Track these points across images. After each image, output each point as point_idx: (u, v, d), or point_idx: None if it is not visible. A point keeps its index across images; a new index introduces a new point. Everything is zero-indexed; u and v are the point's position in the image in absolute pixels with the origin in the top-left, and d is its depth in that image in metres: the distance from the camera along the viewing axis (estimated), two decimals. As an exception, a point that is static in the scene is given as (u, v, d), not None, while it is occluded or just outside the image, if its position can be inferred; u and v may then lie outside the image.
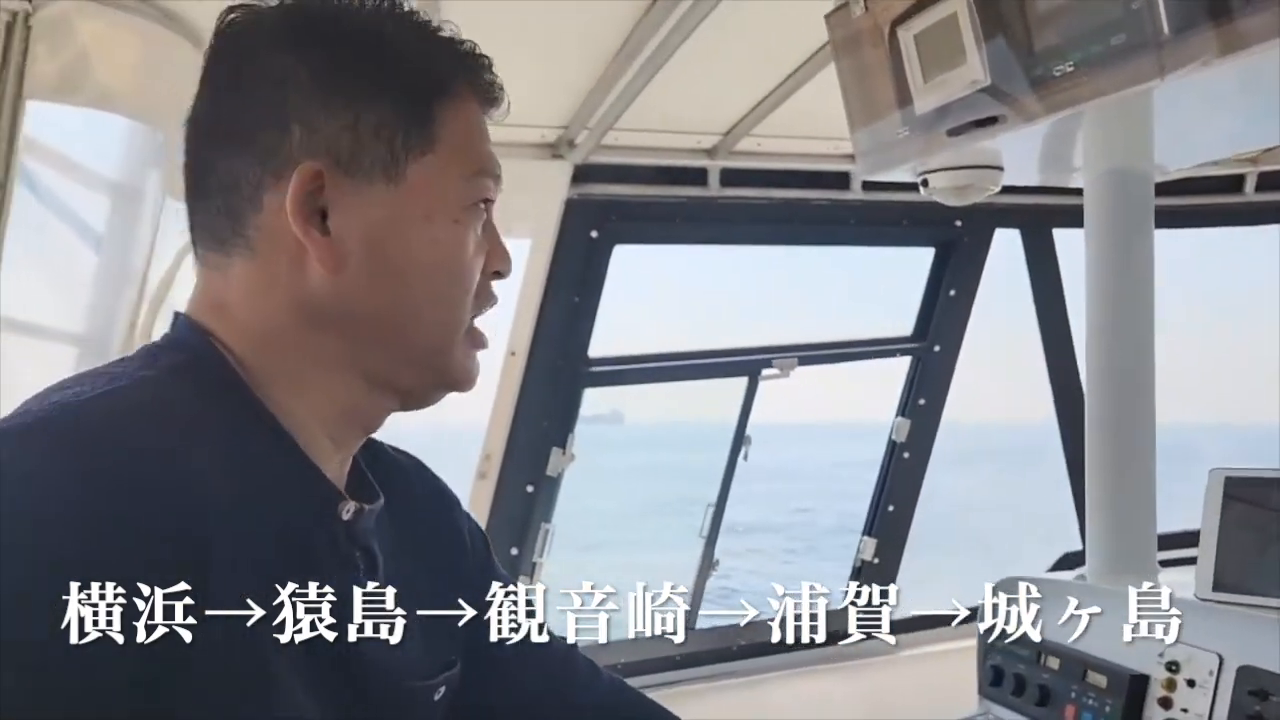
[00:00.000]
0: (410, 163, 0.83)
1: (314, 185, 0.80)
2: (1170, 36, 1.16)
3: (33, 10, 1.70)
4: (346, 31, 0.84)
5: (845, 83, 1.77)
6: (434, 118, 0.84)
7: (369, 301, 0.83)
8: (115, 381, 0.74)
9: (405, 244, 0.83)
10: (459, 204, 0.85)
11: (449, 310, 0.86)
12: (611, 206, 2.96)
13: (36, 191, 2.00)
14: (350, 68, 0.82)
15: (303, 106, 0.81)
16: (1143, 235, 1.71)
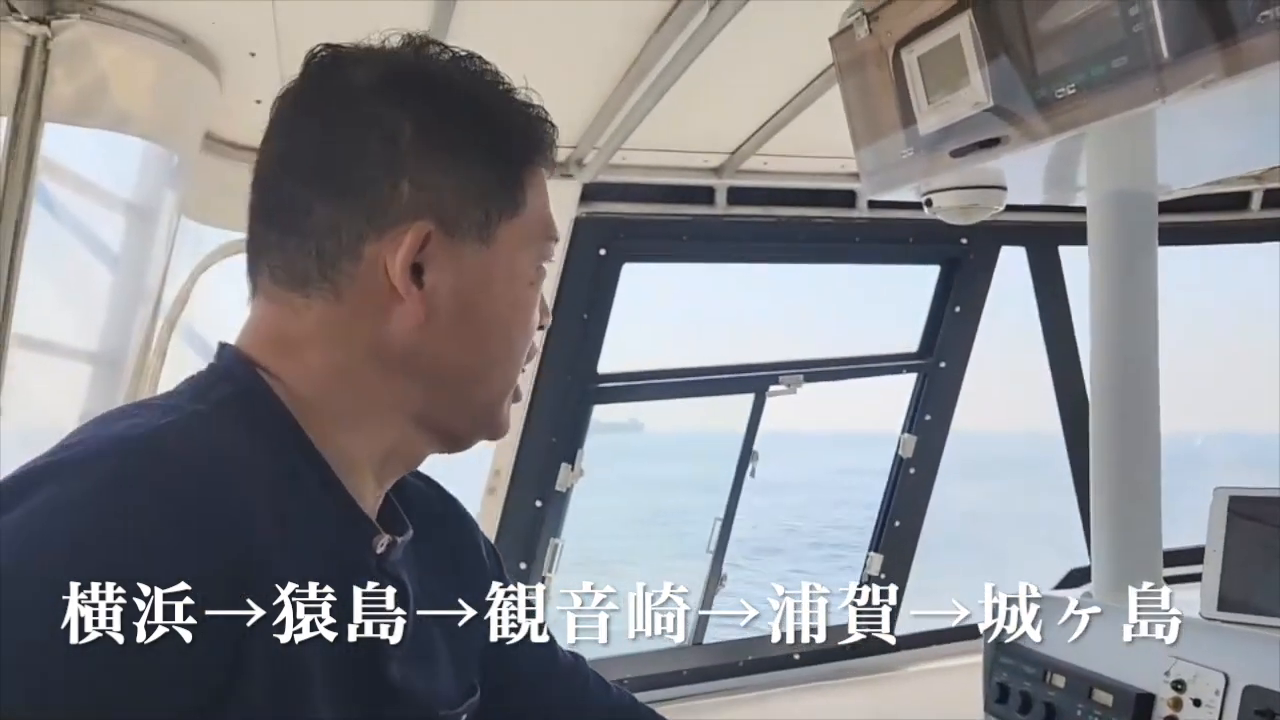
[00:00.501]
0: (501, 225, 0.86)
1: (423, 244, 0.83)
2: (1170, 59, 1.18)
3: (52, 34, 1.73)
4: (450, 91, 0.87)
5: (850, 104, 1.79)
6: (522, 183, 0.88)
7: (448, 354, 0.86)
8: (168, 414, 0.76)
9: (491, 303, 0.87)
10: (534, 266, 0.90)
11: (514, 366, 0.91)
12: (619, 225, 2.99)
13: (54, 211, 2.03)
14: (456, 129, 0.85)
15: (414, 164, 0.83)
16: (1146, 255, 1.72)
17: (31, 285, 1.88)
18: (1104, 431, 1.74)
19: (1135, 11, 1.21)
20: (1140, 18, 1.20)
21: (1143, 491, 1.75)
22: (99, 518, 0.67)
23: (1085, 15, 1.29)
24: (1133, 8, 1.21)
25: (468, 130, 0.85)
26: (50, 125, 1.81)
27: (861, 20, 1.72)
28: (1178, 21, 1.17)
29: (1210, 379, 40.89)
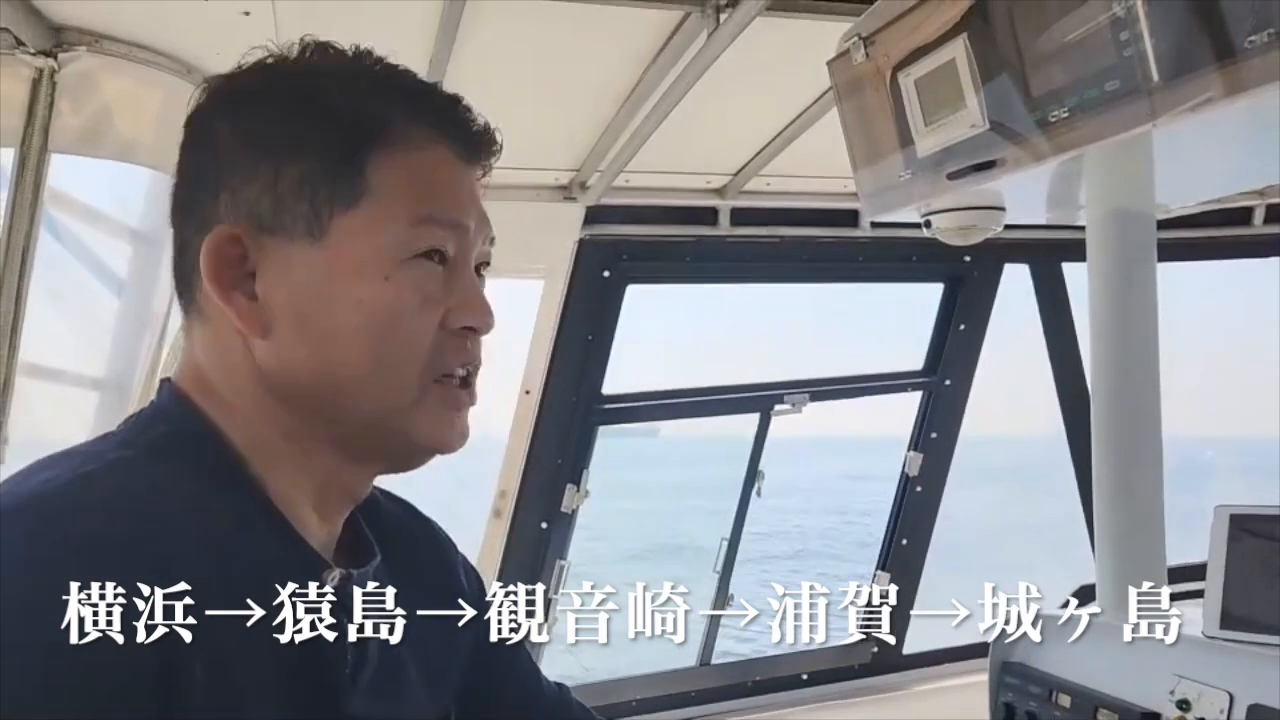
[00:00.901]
0: (335, 218, 0.79)
1: (232, 250, 0.78)
2: (1161, 83, 1.19)
3: (58, 66, 1.76)
4: (274, 90, 0.82)
5: (848, 127, 1.81)
6: (363, 169, 0.79)
7: (302, 368, 0.79)
8: (89, 463, 0.73)
9: (328, 305, 0.79)
10: (392, 258, 0.79)
11: (391, 374, 0.80)
12: (623, 247, 3.00)
13: (61, 240, 2.05)
14: (270, 125, 0.80)
15: (227, 170, 0.80)
16: (1145, 274, 1.73)
17: (38, 313, 1.90)
18: (1106, 453, 1.74)
19: (1126, 36, 1.21)
20: (1130, 42, 1.21)
21: (1146, 511, 1.75)
22: (14, 579, 0.64)
23: (1078, 39, 1.30)
24: (1123, 32, 1.22)
25: (283, 124, 0.80)
26: (56, 155, 1.83)
27: (859, 44, 1.73)
28: (1168, 45, 1.18)
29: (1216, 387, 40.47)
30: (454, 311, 0.82)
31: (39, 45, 1.73)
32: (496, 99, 2.43)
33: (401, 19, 1.88)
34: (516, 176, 2.78)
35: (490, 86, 2.27)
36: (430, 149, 0.83)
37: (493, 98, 2.45)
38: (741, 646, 3.40)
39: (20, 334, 1.81)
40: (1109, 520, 1.78)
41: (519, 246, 2.90)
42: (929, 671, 3.42)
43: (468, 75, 2.05)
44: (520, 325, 3.06)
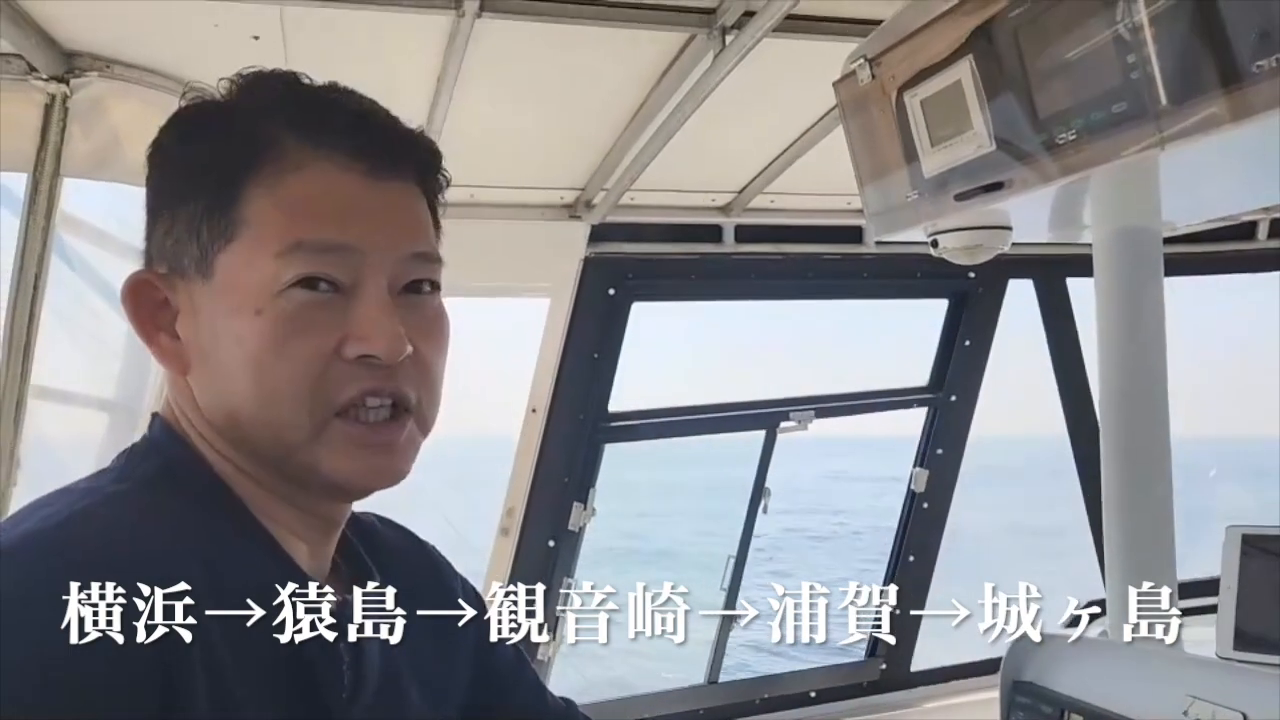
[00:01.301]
0: (217, 255, 0.78)
1: (150, 294, 0.80)
2: (1168, 106, 1.19)
3: (70, 92, 1.77)
4: (173, 135, 0.82)
5: (854, 147, 1.81)
6: (239, 200, 0.78)
7: (214, 405, 0.80)
8: (85, 498, 0.74)
9: (218, 343, 0.78)
10: (263, 291, 0.76)
11: (277, 409, 0.77)
12: (628, 265, 3.01)
13: (70, 263, 2.06)
14: (165, 168, 0.82)
15: (149, 217, 0.82)
16: (1152, 292, 1.73)
17: (49, 336, 1.91)
18: (1116, 471, 1.73)
19: (1133, 58, 1.22)
20: (1138, 65, 1.22)
21: (1156, 529, 1.75)
22: (16, 621, 0.64)
23: (1084, 61, 1.31)
24: (1130, 54, 1.22)
25: (180, 162, 0.81)
26: (68, 179, 1.85)
27: (864, 65, 1.74)
28: (1175, 68, 1.18)
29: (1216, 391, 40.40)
30: (349, 340, 0.78)
31: (51, 71, 1.74)
32: (503, 119, 2.45)
33: (409, 41, 1.89)
34: (522, 195, 2.79)
35: (496, 107, 2.30)
36: (311, 167, 0.78)
37: (499, 117, 2.47)
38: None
39: (33, 357, 1.82)
40: (1119, 537, 1.78)
41: (525, 265, 2.92)
42: (937, 689, 3.41)
43: (475, 95, 2.07)
44: (526, 344, 3.07)
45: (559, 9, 1.81)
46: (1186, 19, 1.16)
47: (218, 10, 1.72)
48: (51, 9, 1.69)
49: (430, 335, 0.83)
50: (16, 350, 1.83)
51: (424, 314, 0.83)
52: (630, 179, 2.54)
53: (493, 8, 1.75)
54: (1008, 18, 1.44)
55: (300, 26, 1.80)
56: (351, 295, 0.78)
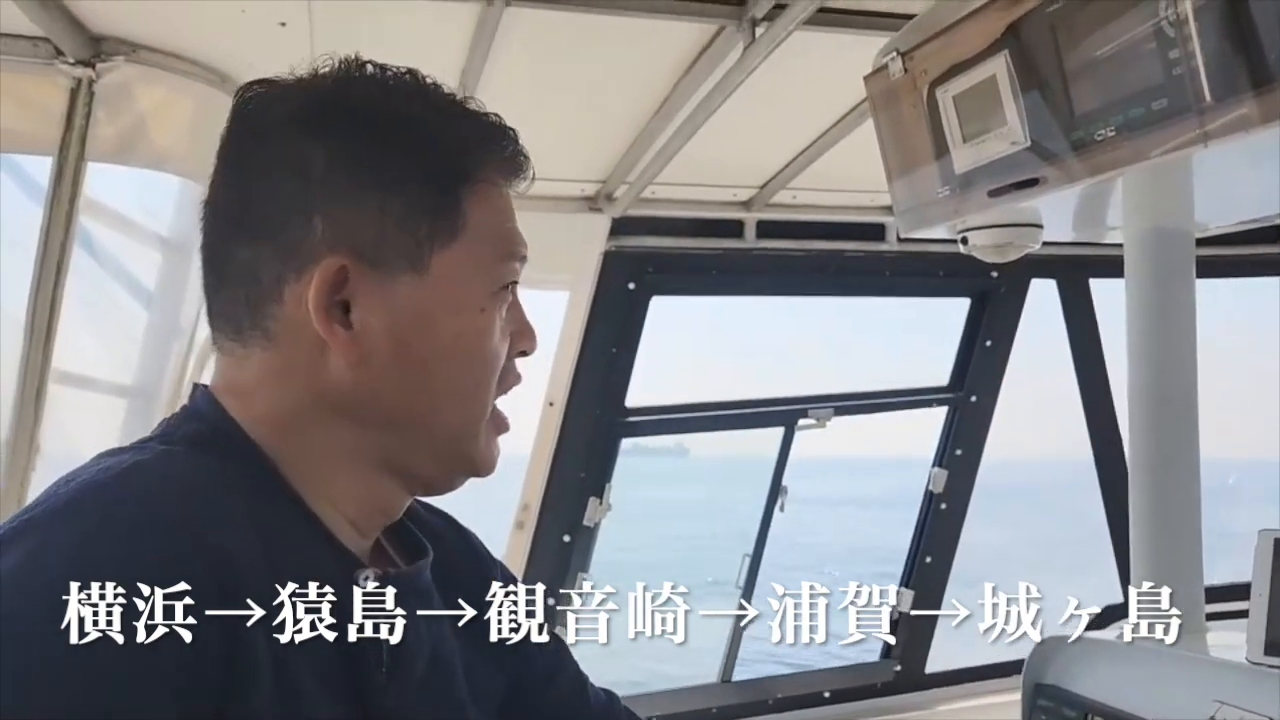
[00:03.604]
0: (436, 252, 0.81)
1: (337, 280, 0.79)
2: (1212, 103, 1.17)
3: (96, 76, 1.77)
4: (368, 115, 0.82)
5: (884, 142, 1.79)
6: (460, 204, 0.82)
7: (391, 395, 0.81)
8: (140, 454, 0.75)
9: (431, 337, 0.81)
10: (485, 291, 0.83)
11: (473, 400, 0.84)
12: (649, 258, 3.00)
13: (92, 250, 2.06)
14: (373, 156, 0.80)
15: (324, 197, 0.79)
16: (1184, 293, 1.71)
17: (70, 321, 1.91)
18: (1144, 472, 1.72)
19: (1176, 54, 1.20)
20: (1180, 60, 1.19)
21: (1184, 529, 1.73)
22: (85, 562, 0.66)
23: (1123, 56, 1.29)
24: (1173, 50, 1.20)
25: (386, 155, 0.81)
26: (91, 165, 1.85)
27: (896, 59, 1.72)
28: (1219, 63, 1.16)
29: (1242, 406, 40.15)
30: (516, 337, 0.87)
31: (78, 55, 1.74)
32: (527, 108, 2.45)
33: (436, 29, 1.89)
34: (543, 187, 2.76)
35: (522, 96, 2.28)
36: (502, 185, 0.86)
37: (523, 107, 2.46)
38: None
39: (54, 342, 1.82)
40: (1145, 540, 1.76)
41: (544, 257, 2.87)
42: (952, 690, 3.39)
43: (500, 85, 2.05)
44: (544, 336, 3.06)
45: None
46: (1232, 12, 1.14)
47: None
48: (79, -8, 1.69)
49: None
50: (39, 336, 1.83)
51: None
52: (653, 172, 2.53)
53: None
54: (1045, 13, 1.41)
55: (328, 13, 1.79)
56: (510, 302, 0.87)
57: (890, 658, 3.38)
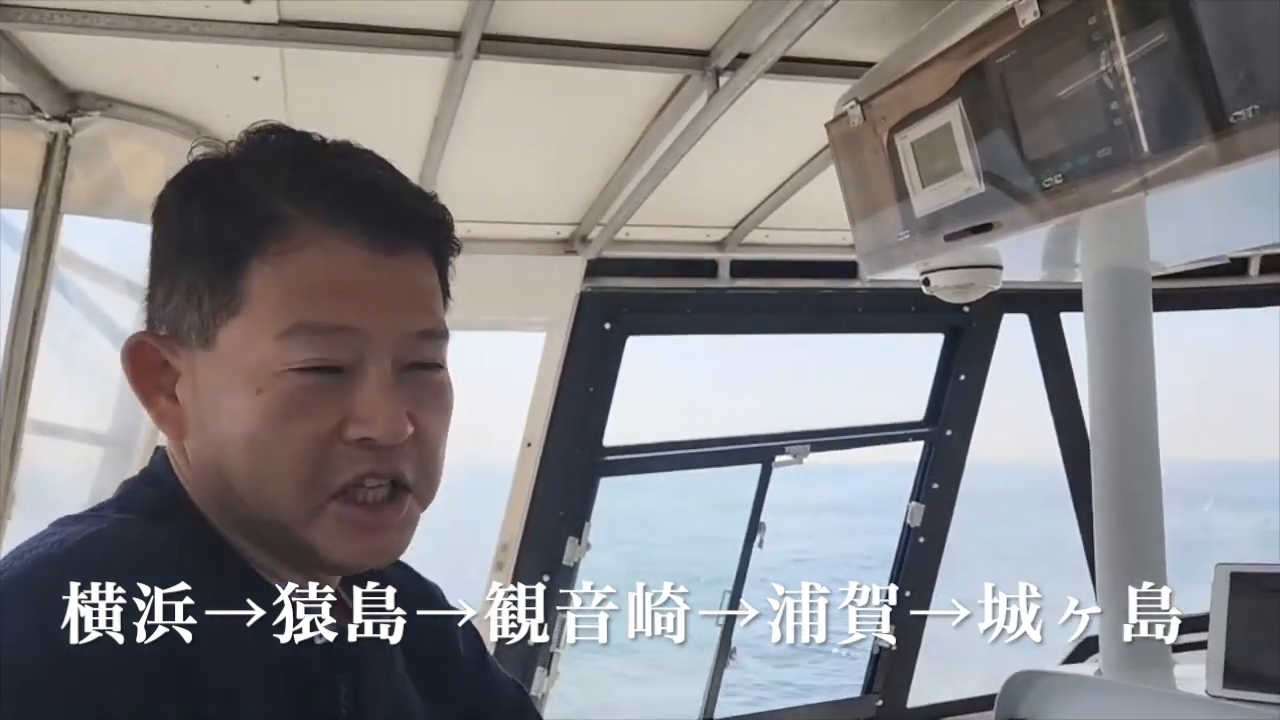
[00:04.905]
0: (219, 327, 0.77)
1: (150, 357, 0.80)
2: (1151, 153, 1.22)
3: (72, 131, 1.79)
4: (191, 185, 0.81)
5: (846, 187, 1.84)
6: (241, 276, 0.77)
7: (209, 472, 0.80)
8: (93, 524, 0.75)
9: (216, 414, 0.78)
10: (264, 371, 0.76)
11: (273, 488, 0.77)
12: (624, 299, 3.03)
13: (69, 297, 2.08)
14: (171, 234, 0.81)
15: (152, 277, 0.82)
16: (1141, 330, 1.75)
17: (46, 371, 1.92)
18: (1108, 512, 1.75)
19: (1115, 105, 1.24)
20: (1120, 111, 1.24)
21: (1149, 565, 1.76)
22: (34, 642, 0.66)
23: (1070, 106, 1.33)
24: (1113, 101, 1.25)
25: (183, 231, 0.80)
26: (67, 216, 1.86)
27: (856, 107, 1.77)
28: (1157, 115, 1.21)
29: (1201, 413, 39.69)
30: (350, 422, 0.77)
31: (54, 111, 1.76)
32: (500, 155, 2.47)
33: (407, 81, 1.92)
34: (519, 231, 2.81)
35: (494, 144, 2.32)
36: (315, 245, 0.77)
37: (497, 155, 2.48)
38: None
39: (30, 392, 1.83)
40: (1111, 572, 1.79)
41: (521, 299, 2.93)
42: (936, 727, 3.40)
43: (473, 134, 2.09)
44: (522, 376, 3.08)
45: (555, 51, 1.83)
46: (1166, 67, 1.19)
47: (219, 51, 1.74)
48: (55, 50, 1.71)
49: (432, 410, 0.82)
50: (14, 384, 1.84)
51: (427, 389, 0.82)
52: (626, 214, 2.56)
53: (490, 50, 1.78)
54: (996, 62, 1.46)
55: (300, 67, 1.82)
56: (353, 376, 0.77)
57: (872, 693, 3.39)
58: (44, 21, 1.59)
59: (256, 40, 1.70)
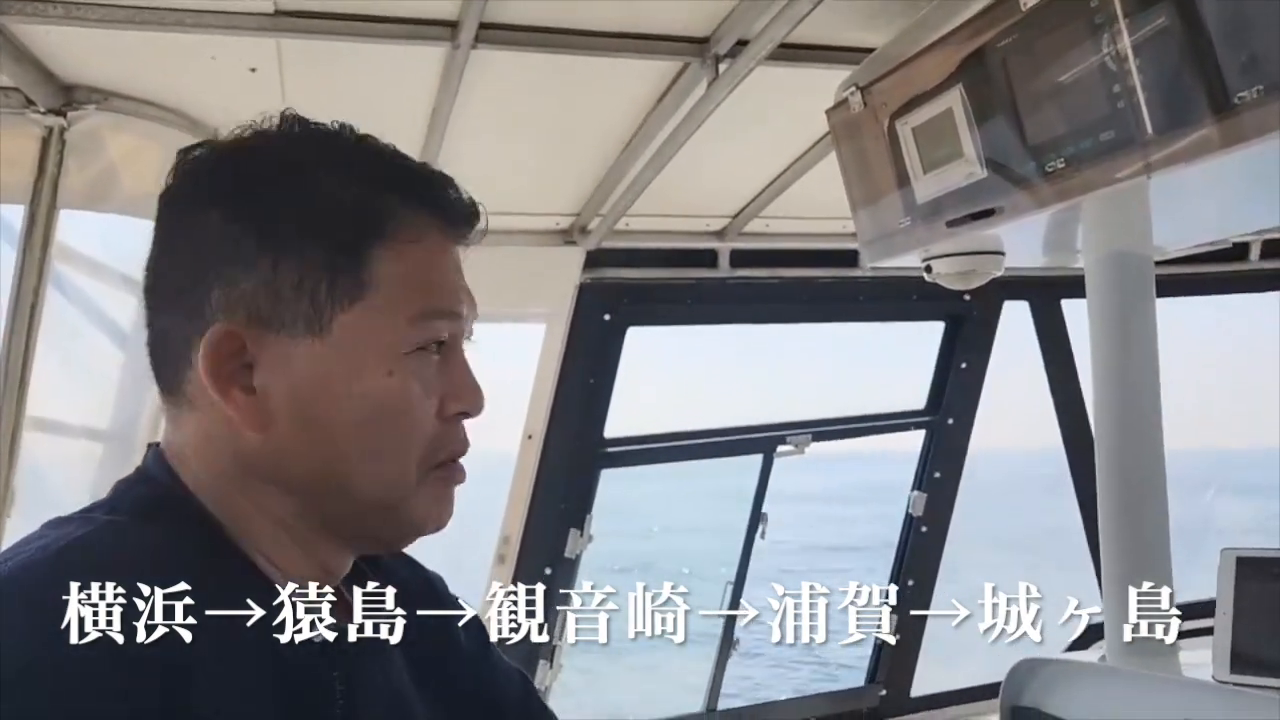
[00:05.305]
0: (337, 314, 0.78)
1: (230, 347, 0.77)
2: (1154, 135, 1.21)
3: (68, 125, 1.78)
4: (266, 174, 0.81)
5: (847, 174, 1.83)
6: (365, 263, 0.79)
7: (301, 459, 0.79)
8: (82, 527, 0.74)
9: (332, 400, 0.78)
10: (395, 353, 0.80)
11: (390, 465, 0.81)
12: (624, 290, 3.02)
13: (66, 293, 2.07)
14: (266, 216, 0.79)
15: (220, 263, 0.78)
16: (1144, 315, 1.74)
17: (44, 367, 1.91)
18: (1111, 498, 1.74)
19: (1118, 87, 1.23)
20: (1123, 94, 1.23)
21: (1153, 551, 1.75)
22: (20, 647, 0.65)
23: (1072, 89, 1.32)
24: (1116, 84, 1.24)
25: (280, 215, 0.79)
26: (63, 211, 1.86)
27: (856, 93, 1.75)
28: (1161, 97, 1.20)
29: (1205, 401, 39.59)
30: (448, 398, 0.83)
31: (49, 104, 1.75)
32: (499, 146, 2.46)
33: (404, 71, 1.91)
34: (518, 222, 2.80)
35: (493, 134, 2.31)
36: (427, 237, 0.83)
37: (495, 145, 2.47)
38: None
39: (28, 389, 1.82)
40: (1115, 561, 1.78)
41: (520, 291, 2.93)
42: (937, 715, 3.40)
43: (471, 123, 2.08)
44: (522, 369, 3.07)
45: (552, 40, 1.82)
46: (1169, 49, 1.18)
47: (215, 43, 1.73)
48: (50, 43, 1.70)
49: None
50: (12, 382, 1.83)
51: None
52: (625, 205, 2.55)
53: (487, 40, 1.77)
54: (997, 47, 1.45)
55: (297, 59, 1.81)
56: (447, 356, 0.84)
57: (875, 682, 3.39)
58: (38, 14, 1.57)
59: (252, 30, 1.68)
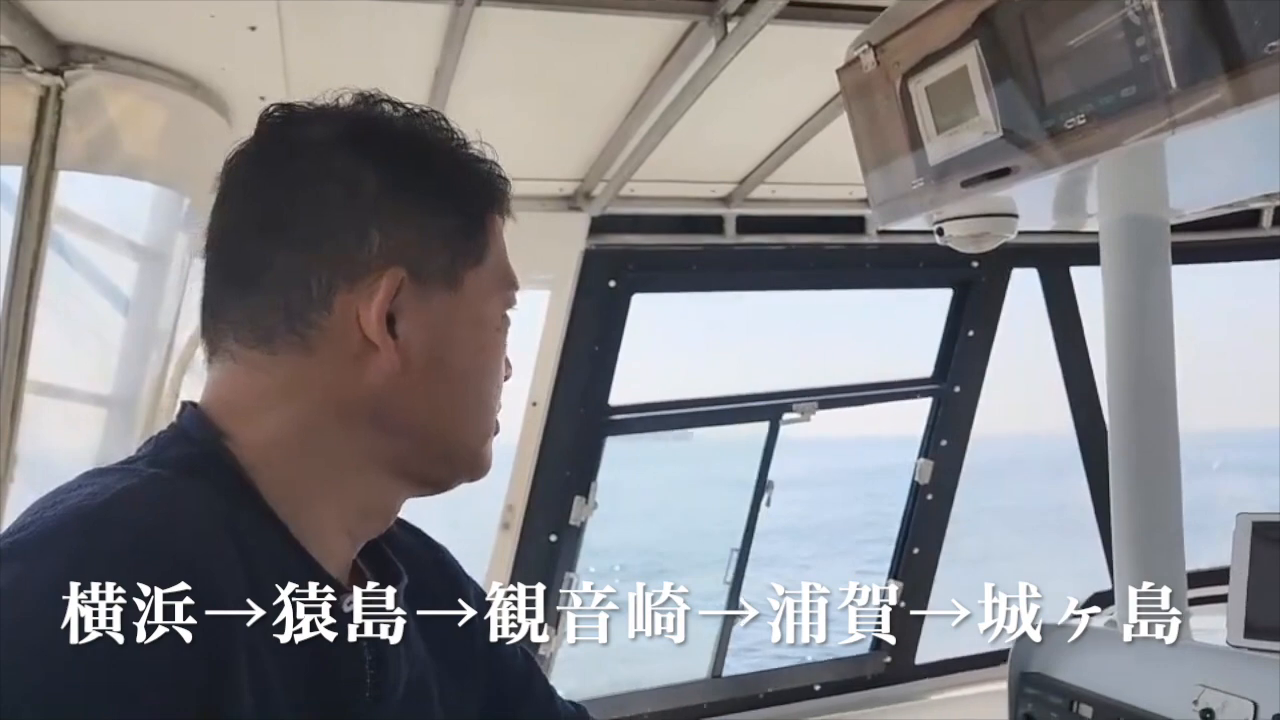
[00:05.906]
0: (466, 271, 0.86)
1: (394, 292, 0.82)
2: (1179, 89, 1.18)
3: (65, 85, 1.75)
4: (409, 141, 0.87)
5: (858, 135, 1.79)
6: (485, 230, 0.89)
7: (422, 404, 0.85)
8: (125, 479, 0.74)
9: (460, 349, 0.87)
10: (498, 313, 0.90)
11: (488, 412, 0.90)
12: (629, 256, 2.99)
13: (67, 257, 2.05)
14: (419, 177, 0.85)
15: (379, 213, 0.83)
16: (1160, 280, 1.71)
17: (46, 332, 1.89)
18: (1124, 461, 1.72)
19: (1142, 41, 1.20)
20: (1147, 48, 1.20)
21: (1164, 517, 1.74)
22: (64, 593, 0.64)
23: (1092, 45, 1.29)
24: (1140, 37, 1.21)
25: (430, 178, 0.86)
26: (63, 173, 1.83)
27: (868, 51, 1.72)
28: (1185, 51, 1.17)
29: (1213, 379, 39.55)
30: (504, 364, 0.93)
31: (46, 64, 1.72)
32: (502, 109, 2.44)
33: (407, 30, 1.88)
34: (522, 187, 2.73)
35: (496, 97, 2.28)
36: (504, 217, 0.93)
37: (498, 108, 2.45)
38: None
39: (29, 352, 1.81)
40: (1127, 526, 1.76)
41: (524, 257, 2.86)
42: (942, 681, 3.41)
43: (475, 84, 2.05)
44: (526, 336, 3.05)
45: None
46: (1196, 1, 1.15)
47: (213, 1, 1.70)
48: (46, 1, 1.67)
49: None
50: (13, 346, 1.81)
51: None
52: (630, 169, 2.52)
53: (491, -4, 1.74)
54: (1014, 2, 1.42)
55: (297, 17, 1.78)
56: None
57: (880, 650, 3.39)
58: (33, -31, 1.55)
59: (251, -13, 1.66)
